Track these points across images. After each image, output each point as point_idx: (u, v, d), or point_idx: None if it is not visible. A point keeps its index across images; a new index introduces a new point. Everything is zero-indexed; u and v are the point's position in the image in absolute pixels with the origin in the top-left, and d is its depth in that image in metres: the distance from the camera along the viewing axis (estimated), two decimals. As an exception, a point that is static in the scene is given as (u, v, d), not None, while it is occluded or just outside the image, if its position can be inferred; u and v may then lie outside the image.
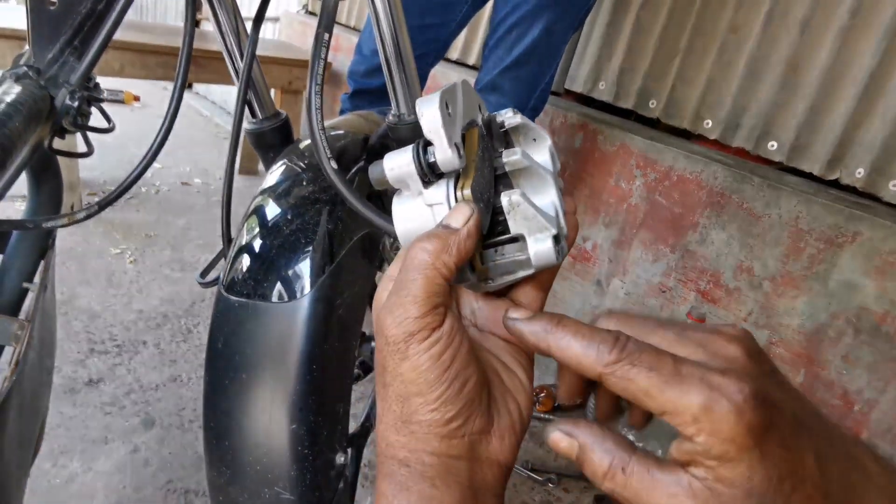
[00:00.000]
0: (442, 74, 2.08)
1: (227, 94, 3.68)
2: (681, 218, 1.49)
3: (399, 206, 0.35)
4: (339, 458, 0.58)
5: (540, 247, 0.33)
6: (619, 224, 1.62)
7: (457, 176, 0.34)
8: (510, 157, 0.34)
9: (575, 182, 1.71)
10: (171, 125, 0.57)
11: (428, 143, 0.33)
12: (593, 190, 1.67)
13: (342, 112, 1.66)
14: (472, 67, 2.14)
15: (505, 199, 0.33)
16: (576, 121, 1.70)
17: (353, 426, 0.59)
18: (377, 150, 0.70)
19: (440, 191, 0.33)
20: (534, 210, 0.32)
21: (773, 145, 1.49)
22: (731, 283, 1.40)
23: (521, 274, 0.35)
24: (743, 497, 0.24)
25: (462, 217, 0.31)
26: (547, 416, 1.55)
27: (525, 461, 1.38)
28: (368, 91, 1.55)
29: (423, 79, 1.56)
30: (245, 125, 0.72)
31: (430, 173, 0.33)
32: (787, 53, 1.44)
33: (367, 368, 0.88)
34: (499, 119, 0.37)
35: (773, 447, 0.24)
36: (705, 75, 1.59)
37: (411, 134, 0.63)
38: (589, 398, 0.34)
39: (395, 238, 0.37)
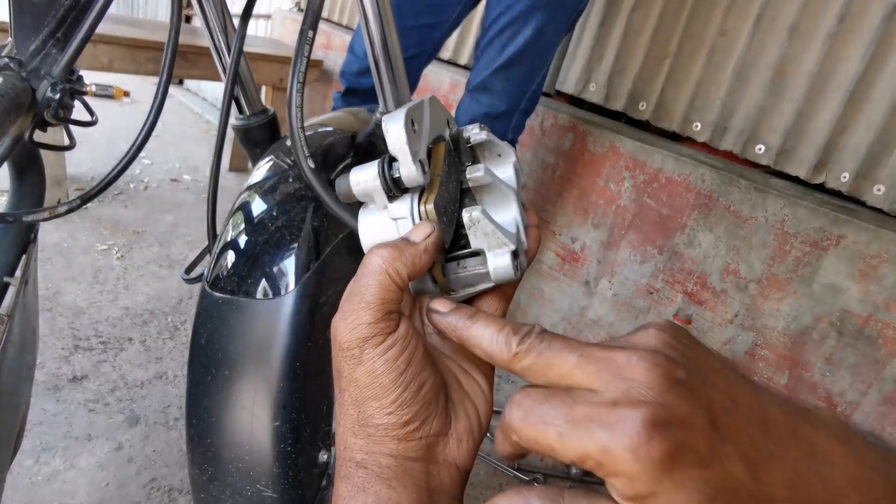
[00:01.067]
0: (434, 74, 2.07)
1: (219, 91, 3.66)
2: (669, 220, 1.49)
3: (364, 219, 0.36)
4: (322, 457, 0.57)
5: (499, 262, 0.34)
6: (607, 225, 1.63)
7: (421, 191, 0.34)
8: (473, 174, 0.35)
9: (564, 183, 1.72)
10: (156, 120, 0.56)
11: (393, 160, 0.33)
12: (582, 191, 1.68)
13: (334, 110, 1.66)
14: (465, 67, 2.14)
15: (466, 215, 0.33)
16: (566, 122, 1.70)
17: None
18: (365, 148, 0.70)
19: (404, 205, 0.34)
20: (493, 226, 0.33)
21: (760, 149, 1.50)
22: (718, 284, 1.41)
23: (483, 287, 0.36)
24: None
25: (423, 233, 0.32)
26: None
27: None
28: (361, 91, 1.54)
29: (416, 79, 1.56)
30: (232, 121, 0.72)
31: (394, 188, 0.34)
32: (776, 58, 1.45)
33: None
34: (465, 134, 0.38)
35: (690, 469, 0.22)
36: (695, 78, 1.60)
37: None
38: None
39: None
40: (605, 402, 0.23)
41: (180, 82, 4.11)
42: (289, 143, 0.66)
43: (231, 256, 0.56)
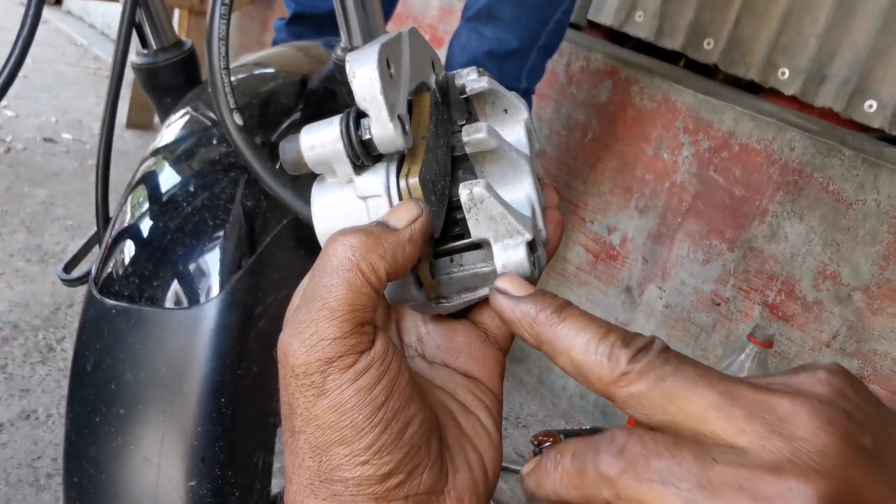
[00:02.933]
0: (417, -5, 2.07)
1: (112, 16, 3.63)
2: (743, 203, 1.50)
3: (321, 198, 0.35)
4: (257, 530, 0.58)
5: (510, 256, 0.34)
6: (657, 210, 1.64)
7: (400, 158, 0.35)
8: (472, 136, 0.35)
9: (598, 150, 1.73)
10: (24, 55, 0.56)
11: (362, 115, 0.33)
12: (624, 161, 1.69)
13: (276, 44, 1.65)
14: (460, -14, 2.14)
15: (464, 191, 0.33)
16: (602, 65, 1.71)
17: (278, 485, 0.59)
18: (320, 97, 0.70)
19: (377, 178, 0.34)
20: (502, 208, 0.33)
21: (870, 105, 1.51)
22: (810, 293, 1.42)
23: (485, 291, 0.36)
24: None
25: (407, 216, 0.32)
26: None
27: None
28: (314, 17, 1.54)
29: (391, 4, 1.56)
30: (132, 58, 0.71)
31: (363, 155, 0.34)
32: (894, -21, 1.46)
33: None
34: (458, 82, 0.38)
35: None
36: (782, 6, 1.61)
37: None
38: None
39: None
40: (759, 466, 0.23)
41: (58, 2, 4.07)
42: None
43: (129, 249, 0.56)
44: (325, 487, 0.30)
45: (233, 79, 0.67)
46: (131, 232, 0.57)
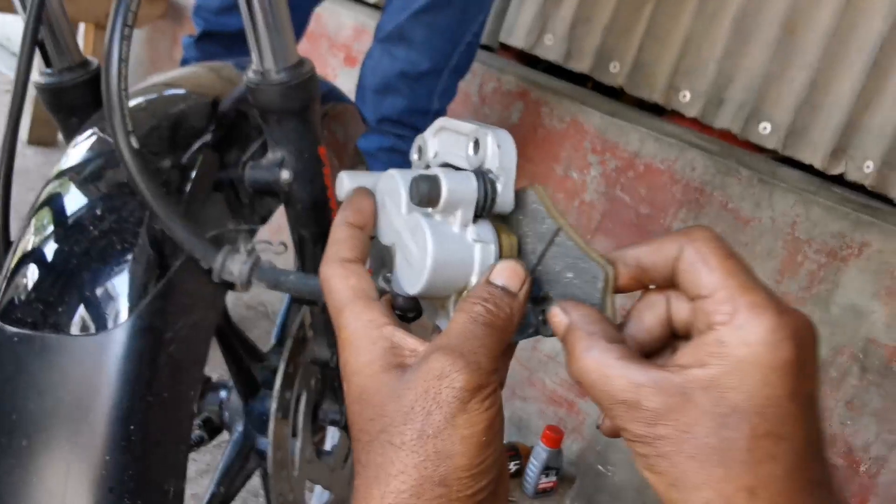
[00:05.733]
0: (330, 14, 2.07)
1: (10, 28, 3.50)
2: (648, 220, 1.56)
3: (439, 234, 0.41)
4: (169, 560, 0.57)
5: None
6: (569, 227, 1.67)
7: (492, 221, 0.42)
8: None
9: (512, 169, 1.75)
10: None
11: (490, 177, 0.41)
12: (535, 180, 1.72)
13: (185, 62, 1.63)
14: (374, 6, 2.15)
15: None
16: (513, 86, 1.74)
17: (190, 512, 0.58)
18: (232, 119, 0.70)
19: (489, 229, 0.41)
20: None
21: (765, 128, 1.59)
22: (712, 307, 1.48)
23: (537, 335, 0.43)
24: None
25: (517, 280, 0.39)
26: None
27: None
28: (223, 35, 1.52)
29: (304, 20, 1.55)
30: (35, 77, 0.70)
31: (487, 208, 0.41)
32: (784, 10, 1.55)
33: (214, 429, 0.86)
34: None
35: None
36: (683, 32, 1.68)
37: (279, 99, 0.63)
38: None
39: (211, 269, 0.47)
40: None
41: (-48, 12, 3.90)
42: (120, 110, 0.65)
43: (32, 273, 0.55)
44: (430, 490, 0.34)
45: (142, 99, 0.67)
46: (35, 256, 0.56)
